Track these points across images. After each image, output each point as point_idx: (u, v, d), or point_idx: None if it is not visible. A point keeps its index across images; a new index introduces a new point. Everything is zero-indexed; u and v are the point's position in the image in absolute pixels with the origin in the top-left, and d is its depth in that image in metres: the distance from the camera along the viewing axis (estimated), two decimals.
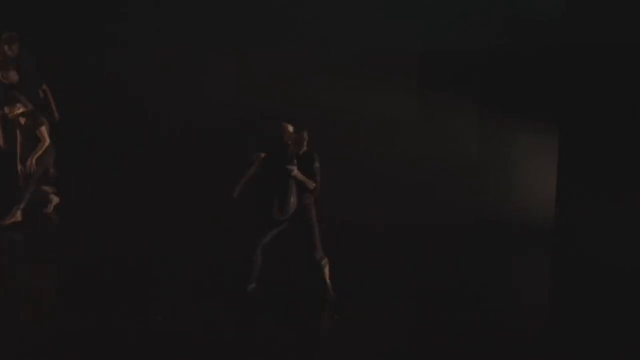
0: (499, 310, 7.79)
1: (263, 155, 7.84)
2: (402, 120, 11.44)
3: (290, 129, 7.94)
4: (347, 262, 8.07)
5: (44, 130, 9.66)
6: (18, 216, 9.63)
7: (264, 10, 11.68)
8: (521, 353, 6.86)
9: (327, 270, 7.68)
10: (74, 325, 6.99)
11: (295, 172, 7.57)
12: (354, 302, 7.67)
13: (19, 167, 9.77)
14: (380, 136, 11.20)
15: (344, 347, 6.86)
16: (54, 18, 11.42)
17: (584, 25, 10.00)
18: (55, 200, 10.16)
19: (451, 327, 7.31)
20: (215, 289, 7.86)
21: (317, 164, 7.70)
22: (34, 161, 9.62)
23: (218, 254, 8.68)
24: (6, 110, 9.70)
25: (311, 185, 7.65)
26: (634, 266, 8.82)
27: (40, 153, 9.65)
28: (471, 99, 11.05)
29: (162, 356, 6.57)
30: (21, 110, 9.67)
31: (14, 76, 10.23)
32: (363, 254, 8.82)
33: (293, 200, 7.62)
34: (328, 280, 7.68)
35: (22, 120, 9.70)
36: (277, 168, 7.61)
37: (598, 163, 9.93)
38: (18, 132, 9.80)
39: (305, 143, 7.66)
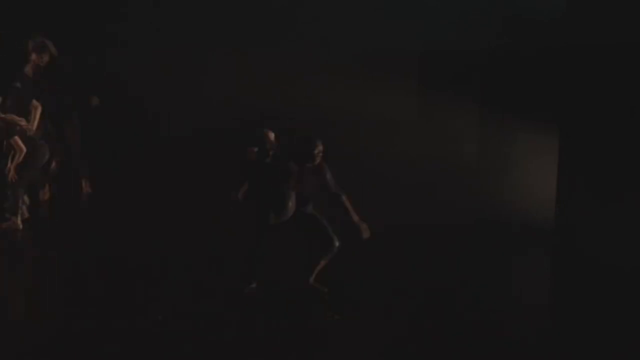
0: (499, 310, 7.79)
1: (255, 150, 7.72)
2: (402, 120, 11.45)
3: (272, 136, 7.80)
4: (347, 262, 8.06)
5: (17, 139, 9.45)
6: (18, 224, 9.57)
7: (264, 10, 11.69)
8: (521, 353, 6.85)
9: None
10: (74, 325, 6.99)
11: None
12: (354, 302, 7.67)
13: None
14: (380, 136, 11.21)
15: (344, 347, 6.86)
16: (54, 18, 11.42)
17: (584, 25, 9.99)
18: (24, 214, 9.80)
19: (451, 327, 7.30)
20: (215, 289, 7.85)
21: (328, 175, 7.65)
22: (13, 171, 9.52)
23: (218, 254, 8.68)
24: None
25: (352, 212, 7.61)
26: (634, 266, 8.82)
27: (16, 162, 9.48)
28: (471, 99, 11.06)
29: (162, 356, 6.57)
30: None
31: None
32: (363, 254, 8.81)
33: (291, 204, 7.57)
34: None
35: None
36: (273, 173, 7.54)
37: (598, 163, 9.92)
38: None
39: (321, 155, 7.55)
